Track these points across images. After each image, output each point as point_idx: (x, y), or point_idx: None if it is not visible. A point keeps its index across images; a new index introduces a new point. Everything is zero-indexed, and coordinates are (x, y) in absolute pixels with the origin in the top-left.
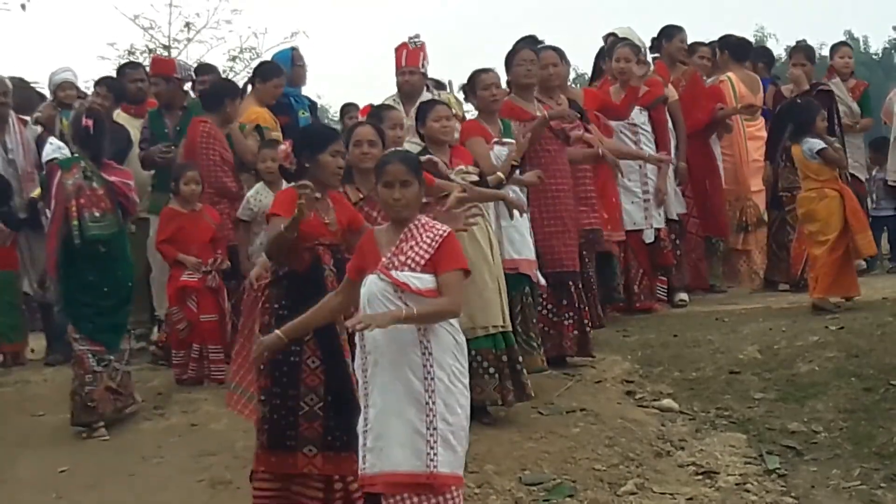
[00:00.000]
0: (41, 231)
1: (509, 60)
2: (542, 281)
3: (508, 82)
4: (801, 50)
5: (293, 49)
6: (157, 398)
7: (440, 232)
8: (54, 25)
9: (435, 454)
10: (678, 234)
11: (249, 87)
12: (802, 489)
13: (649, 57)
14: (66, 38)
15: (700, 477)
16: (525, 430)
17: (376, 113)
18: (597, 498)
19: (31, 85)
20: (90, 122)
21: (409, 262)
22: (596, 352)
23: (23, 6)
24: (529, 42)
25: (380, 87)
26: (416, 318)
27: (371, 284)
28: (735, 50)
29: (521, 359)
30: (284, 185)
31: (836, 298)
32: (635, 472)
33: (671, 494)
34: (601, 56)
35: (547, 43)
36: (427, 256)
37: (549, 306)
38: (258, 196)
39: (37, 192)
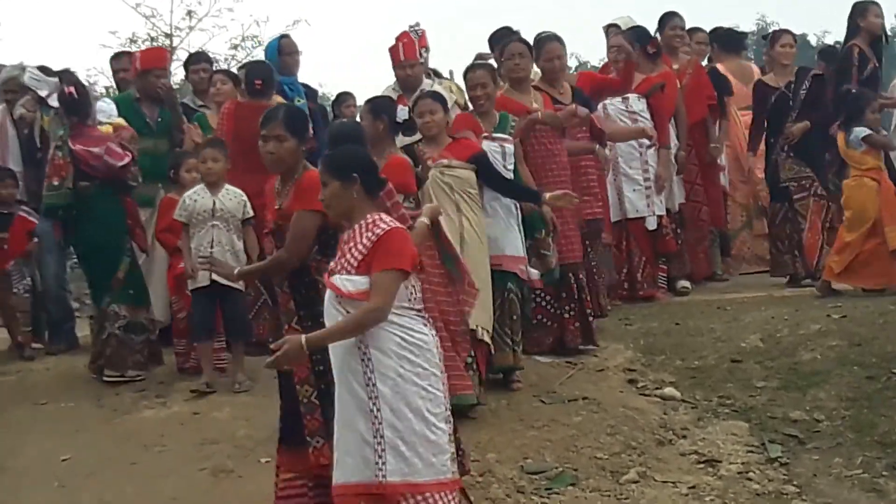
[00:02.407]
0: None
1: (500, 54)
2: (535, 276)
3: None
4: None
5: (281, 38)
6: (159, 387)
7: (379, 230)
8: (56, 13)
9: (383, 463)
10: (678, 222)
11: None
12: (804, 477)
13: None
14: (67, 25)
15: (702, 465)
16: (527, 419)
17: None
18: (599, 486)
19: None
20: (72, 90)
21: (345, 264)
22: (599, 340)
23: None
24: (505, 33)
25: (381, 75)
26: (318, 340)
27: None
28: (725, 42)
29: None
30: (224, 187)
31: (848, 286)
32: (637, 460)
33: (673, 483)
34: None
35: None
36: (360, 257)
37: (549, 298)
38: (195, 196)
39: None
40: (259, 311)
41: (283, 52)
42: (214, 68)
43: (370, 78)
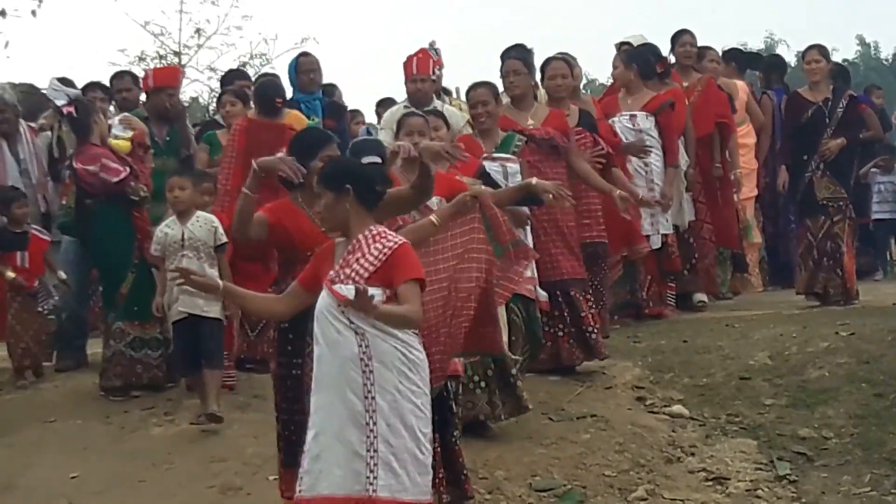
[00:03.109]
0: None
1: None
2: (543, 296)
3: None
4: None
5: (299, 56)
6: (168, 404)
7: (391, 243)
8: (65, 31)
9: (375, 477)
10: (694, 238)
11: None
12: (813, 495)
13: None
14: (76, 44)
15: (710, 483)
16: (535, 437)
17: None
18: None
19: (42, 91)
20: (71, 108)
21: (353, 274)
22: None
23: (33, 12)
24: (518, 50)
25: (388, 93)
26: (382, 315)
27: (320, 300)
28: (740, 61)
29: (514, 371)
30: (195, 215)
31: None
32: (646, 478)
33: (682, 500)
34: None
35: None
36: (372, 269)
37: (544, 318)
38: (165, 228)
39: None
40: (264, 329)
41: (301, 69)
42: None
43: (381, 94)
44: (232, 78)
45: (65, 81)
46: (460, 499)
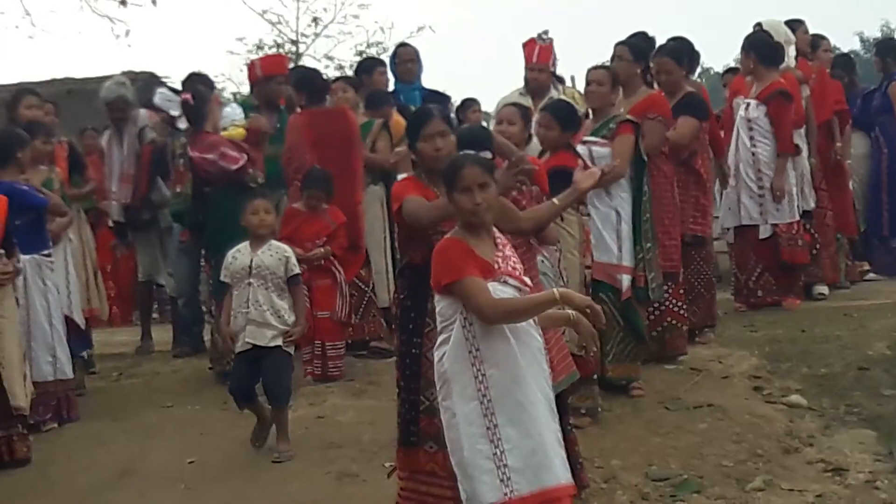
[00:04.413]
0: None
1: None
2: (625, 286)
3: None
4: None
5: (398, 46)
6: None
7: (507, 242)
8: (184, 20)
9: (566, 465)
10: (816, 226)
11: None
12: None
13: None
14: (195, 32)
15: (829, 474)
16: (652, 426)
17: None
18: (724, 494)
19: (162, 80)
20: (188, 96)
21: (517, 265)
22: (722, 347)
23: (153, 1)
24: (633, 38)
25: (505, 82)
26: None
27: (499, 293)
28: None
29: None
30: (268, 243)
31: None
32: (763, 468)
33: (800, 491)
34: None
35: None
36: (521, 260)
37: None
38: (235, 254)
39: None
40: (366, 309)
41: (399, 59)
42: (339, 74)
43: (497, 83)
44: (372, 66)
45: (199, 77)
46: (575, 488)
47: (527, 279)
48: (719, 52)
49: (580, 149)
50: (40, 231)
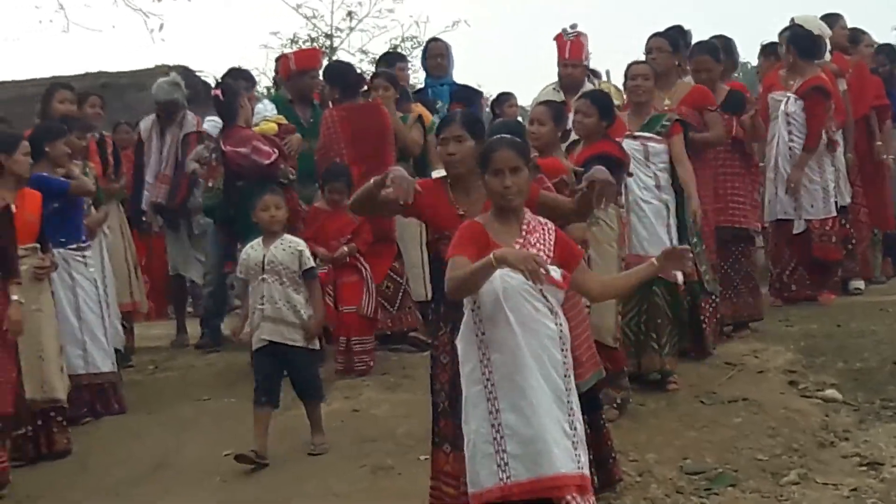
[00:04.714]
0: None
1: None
2: (680, 280)
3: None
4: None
5: (429, 41)
6: None
7: (550, 225)
8: (218, 14)
9: (579, 455)
10: (851, 221)
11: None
12: None
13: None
14: (229, 26)
15: (864, 468)
16: (686, 420)
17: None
18: (759, 488)
19: (197, 74)
20: (218, 91)
21: (541, 252)
22: (758, 342)
23: None
24: (670, 30)
25: (543, 76)
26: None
27: (504, 279)
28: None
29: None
30: (280, 238)
31: None
32: (798, 462)
33: (834, 485)
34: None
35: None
36: (551, 247)
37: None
38: (249, 250)
39: None
40: (402, 301)
41: (429, 54)
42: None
43: (534, 77)
44: (392, 61)
45: (239, 72)
46: (608, 482)
47: (548, 268)
48: (753, 46)
49: (630, 142)
50: (67, 224)
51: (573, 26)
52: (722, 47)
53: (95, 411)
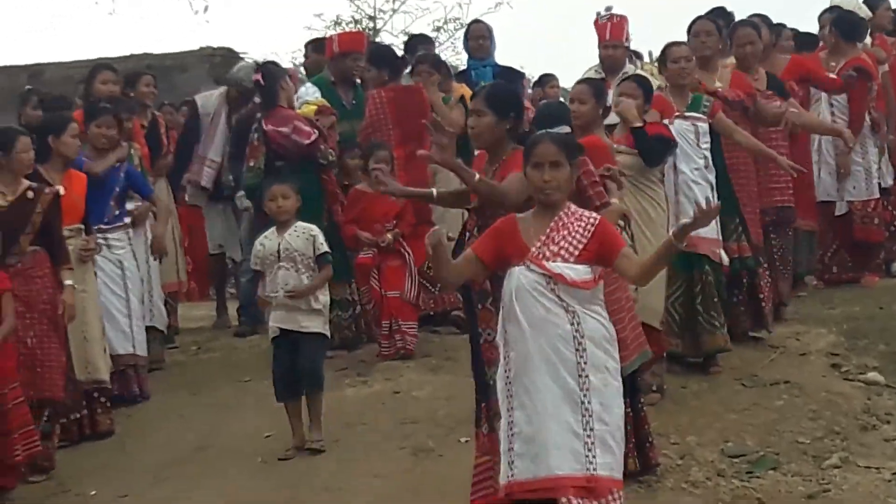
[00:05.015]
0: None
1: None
2: (725, 260)
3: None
4: None
5: (471, 23)
6: (360, 365)
7: (592, 220)
8: None
9: (593, 456)
10: (893, 205)
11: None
12: None
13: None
14: (273, 8)
15: None
16: (728, 402)
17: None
18: (800, 471)
19: (240, 55)
20: (258, 76)
21: (561, 251)
22: (800, 324)
23: None
24: (718, 15)
25: (586, 58)
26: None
27: (519, 276)
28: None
29: None
30: (293, 226)
31: None
32: (840, 445)
33: (877, 468)
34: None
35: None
36: (581, 246)
37: None
38: (263, 241)
39: None
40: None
41: (471, 36)
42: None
43: (578, 58)
44: (416, 45)
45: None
46: (646, 466)
47: (561, 268)
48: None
49: (681, 122)
50: (95, 207)
51: (608, 9)
52: (762, 23)
53: (125, 393)
